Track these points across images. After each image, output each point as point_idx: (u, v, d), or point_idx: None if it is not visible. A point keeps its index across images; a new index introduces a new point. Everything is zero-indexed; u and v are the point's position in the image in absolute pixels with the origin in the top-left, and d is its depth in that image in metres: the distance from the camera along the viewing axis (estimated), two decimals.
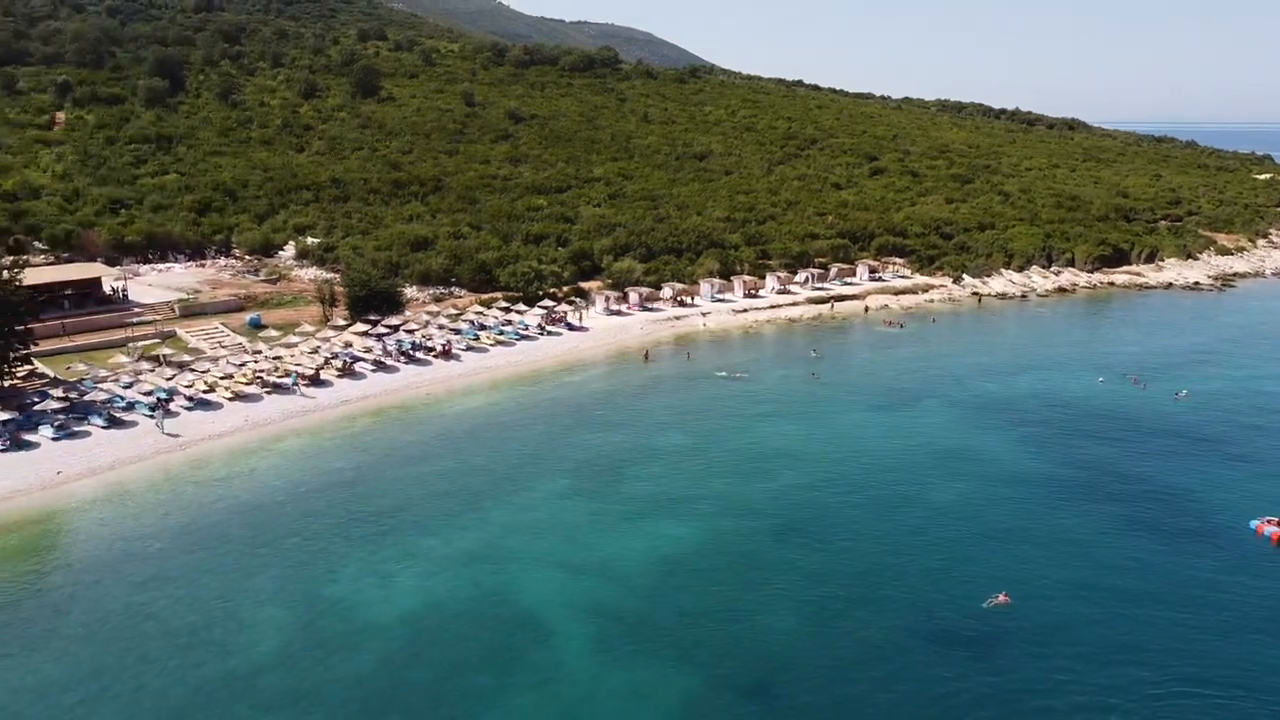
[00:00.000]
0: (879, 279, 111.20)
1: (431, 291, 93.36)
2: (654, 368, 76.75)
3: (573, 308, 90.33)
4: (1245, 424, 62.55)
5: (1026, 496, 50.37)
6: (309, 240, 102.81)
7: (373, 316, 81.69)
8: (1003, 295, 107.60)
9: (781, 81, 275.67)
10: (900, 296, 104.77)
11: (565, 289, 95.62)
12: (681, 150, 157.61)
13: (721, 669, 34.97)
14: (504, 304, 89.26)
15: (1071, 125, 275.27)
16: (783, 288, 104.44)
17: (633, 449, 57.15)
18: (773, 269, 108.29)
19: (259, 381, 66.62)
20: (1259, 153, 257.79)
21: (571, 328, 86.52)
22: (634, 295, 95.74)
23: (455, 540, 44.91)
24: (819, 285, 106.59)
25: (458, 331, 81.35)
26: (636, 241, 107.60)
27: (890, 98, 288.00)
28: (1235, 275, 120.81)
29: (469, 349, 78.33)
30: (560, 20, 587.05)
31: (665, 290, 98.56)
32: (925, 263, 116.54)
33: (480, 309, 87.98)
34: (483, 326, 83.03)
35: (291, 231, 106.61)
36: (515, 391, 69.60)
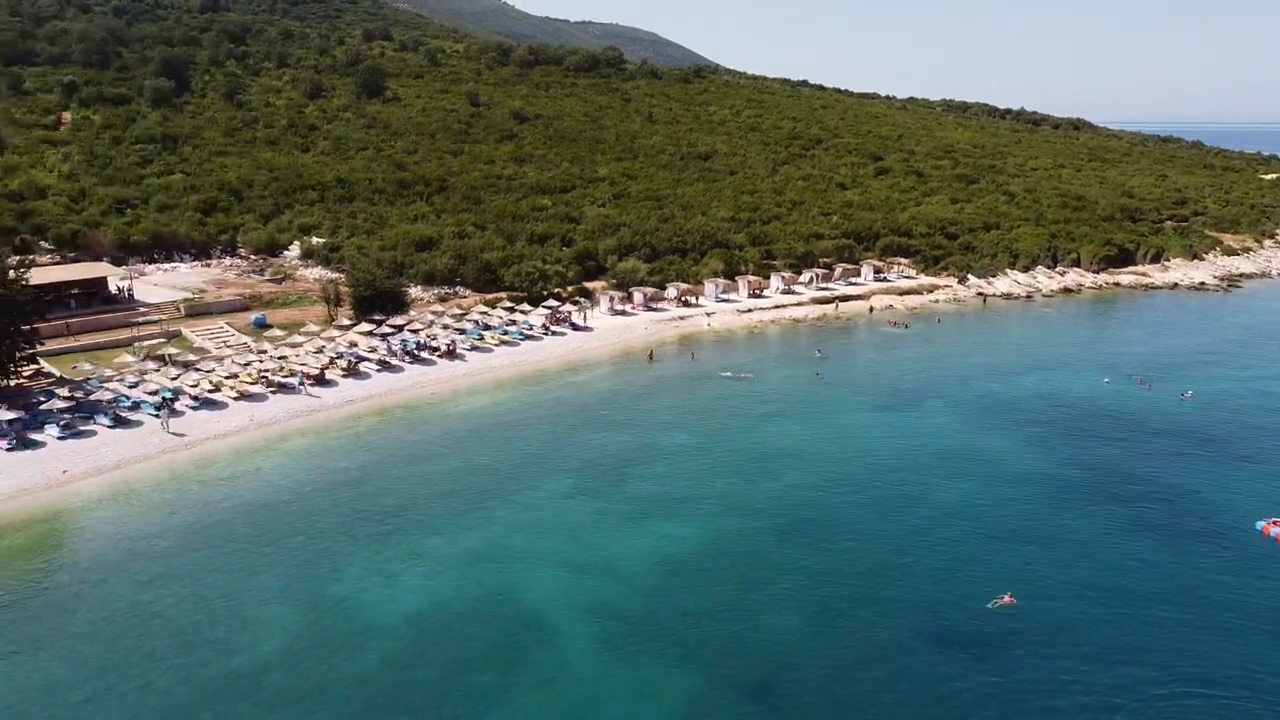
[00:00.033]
0: (884, 279, 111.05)
1: (436, 291, 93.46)
2: (658, 368, 76.76)
3: (577, 308, 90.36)
4: (1251, 425, 62.38)
5: (1031, 497, 50.29)
6: (314, 240, 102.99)
7: (377, 316, 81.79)
8: (1008, 296, 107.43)
9: (786, 81, 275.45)
10: (905, 297, 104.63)
11: (570, 289, 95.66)
12: (686, 150, 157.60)
13: (725, 668, 34.97)
14: (508, 304, 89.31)
15: (1077, 125, 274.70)
16: (787, 288, 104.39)
17: (637, 449, 57.17)
18: (777, 269, 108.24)
19: (264, 381, 66.75)
20: (1264, 153, 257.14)
21: (576, 328, 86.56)
22: (638, 295, 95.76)
23: (460, 539, 44.96)
24: (824, 285, 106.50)
25: (462, 331, 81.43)
26: (641, 241, 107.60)
27: (895, 98, 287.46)
28: (1241, 276, 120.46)
29: (473, 349, 78.41)
30: (565, 20, 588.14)
31: (670, 290, 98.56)
32: (930, 263, 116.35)
33: (485, 309, 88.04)
34: (487, 326, 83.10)
35: (297, 231, 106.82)
36: (520, 391, 69.64)
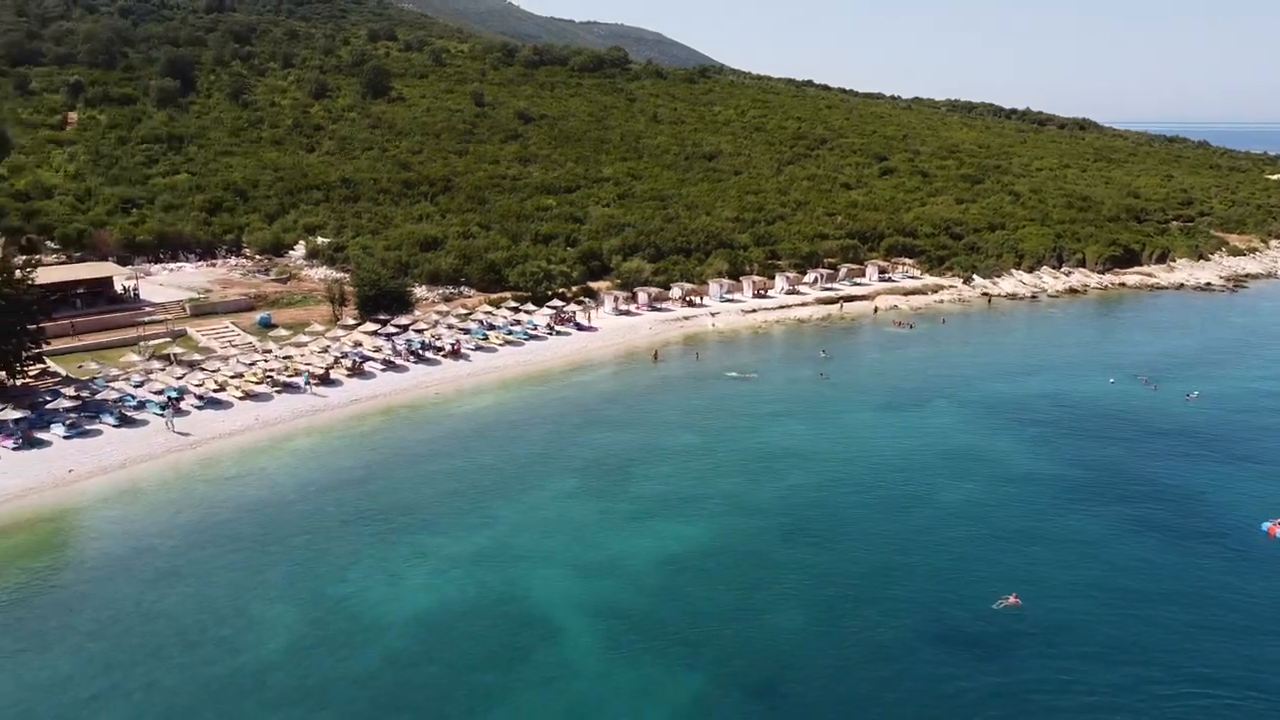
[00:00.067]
0: (888, 279, 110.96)
1: (441, 291, 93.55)
2: (663, 368, 76.76)
3: (581, 308, 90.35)
4: (1257, 426, 62.24)
5: (1036, 497, 50.20)
6: (319, 240, 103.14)
7: (382, 316, 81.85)
8: (1013, 296, 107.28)
9: (791, 81, 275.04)
10: (910, 297, 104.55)
11: (574, 289, 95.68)
12: (691, 150, 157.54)
13: (729, 668, 34.95)
14: (513, 304, 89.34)
15: (1082, 125, 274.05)
16: (792, 288, 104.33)
17: (641, 448, 57.18)
18: (782, 269, 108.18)
19: (269, 381, 66.87)
20: (1270, 153, 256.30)
21: (580, 328, 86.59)
22: (643, 295, 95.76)
23: (464, 539, 45.00)
24: (828, 286, 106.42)
25: (467, 331, 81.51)
26: (645, 241, 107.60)
27: (900, 98, 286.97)
28: (1247, 276, 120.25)
29: (478, 349, 78.48)
30: (570, 20, 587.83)
31: (674, 290, 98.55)
32: (935, 263, 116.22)
33: (489, 309, 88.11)
34: (491, 326, 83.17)
35: (302, 231, 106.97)
36: (524, 391, 69.70)
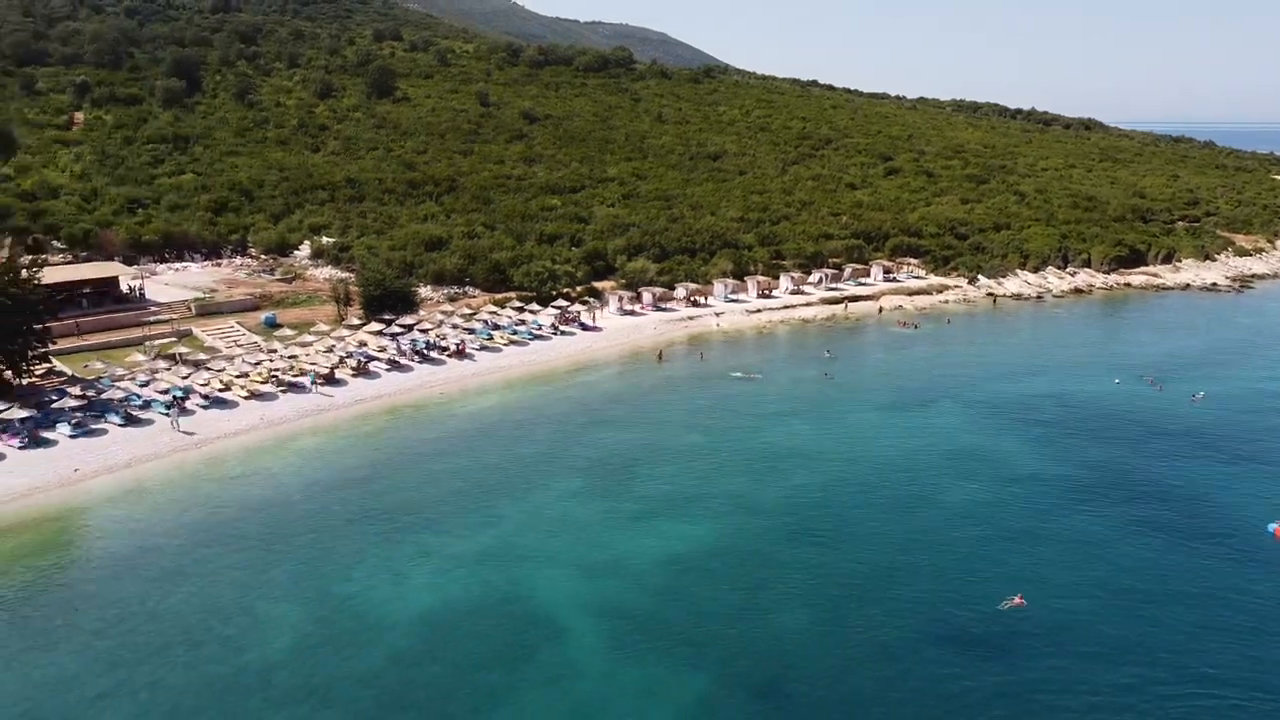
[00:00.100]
0: (893, 279, 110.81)
1: (446, 291, 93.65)
2: (667, 368, 76.75)
3: (586, 307, 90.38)
4: (1263, 427, 62.05)
5: (1041, 498, 50.09)
6: (324, 240, 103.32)
7: (387, 316, 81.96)
8: (1018, 296, 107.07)
9: (796, 81, 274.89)
10: (915, 297, 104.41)
11: (579, 289, 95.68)
12: (695, 150, 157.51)
13: (734, 667, 34.95)
14: (518, 304, 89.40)
15: (1088, 125, 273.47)
16: (796, 288, 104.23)
17: (646, 448, 57.17)
18: (787, 269, 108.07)
19: (274, 380, 66.99)
20: (1277, 153, 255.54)
21: (585, 328, 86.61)
22: (647, 295, 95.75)
23: (468, 538, 45.05)
24: (833, 286, 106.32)
25: (471, 331, 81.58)
26: (650, 241, 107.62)
27: (905, 98, 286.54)
28: (1253, 276, 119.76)
29: (483, 348, 78.53)
30: (575, 20, 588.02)
31: (679, 290, 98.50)
32: (940, 263, 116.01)
33: (494, 309, 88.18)
34: (496, 326, 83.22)
35: (307, 231, 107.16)
36: (529, 391, 69.74)
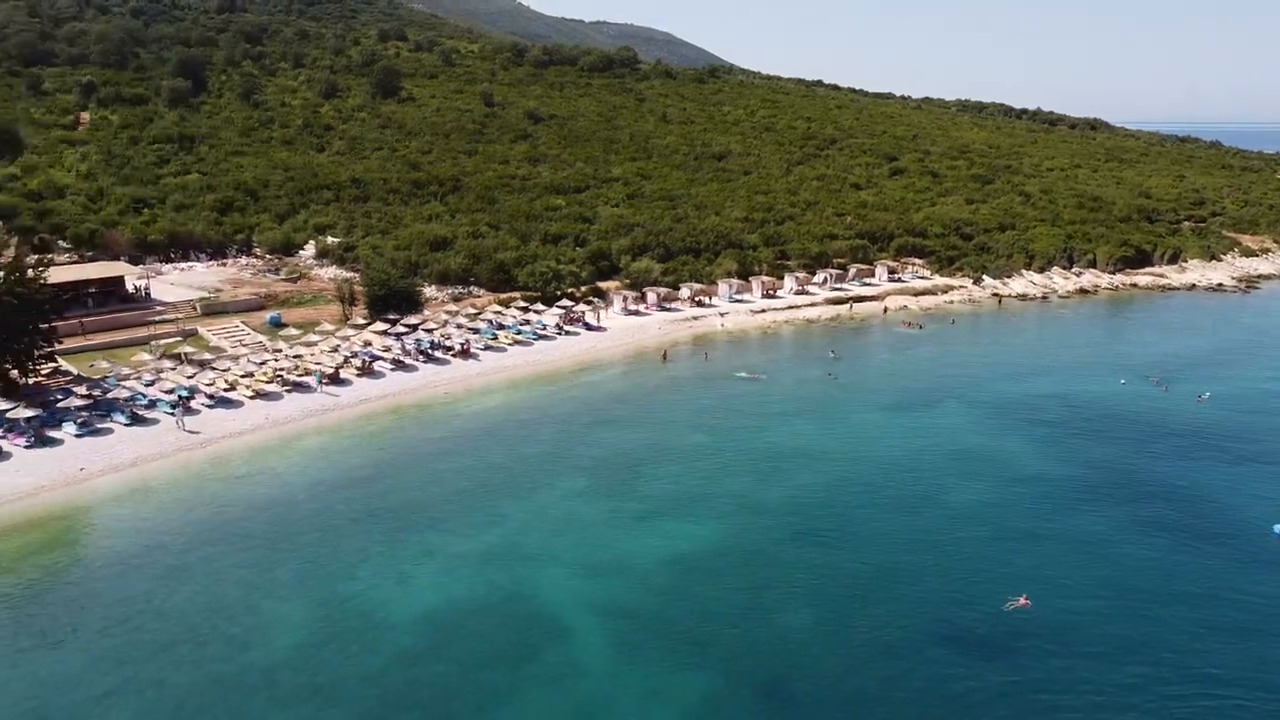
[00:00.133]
0: (898, 280, 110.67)
1: (450, 291, 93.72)
2: (672, 368, 76.75)
3: (590, 308, 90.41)
4: (1268, 427, 61.88)
5: (1046, 498, 50.01)
6: (329, 240, 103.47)
7: (392, 315, 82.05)
8: (1023, 296, 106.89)
9: (801, 81, 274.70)
10: (919, 297, 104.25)
11: (583, 289, 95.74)
12: (700, 150, 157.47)
13: (738, 666, 34.95)
14: (522, 304, 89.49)
15: (1093, 125, 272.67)
16: (801, 288, 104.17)
17: (650, 448, 57.18)
18: (791, 269, 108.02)
19: (279, 380, 67.11)
20: None
21: (589, 328, 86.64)
22: (652, 295, 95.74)
23: (473, 537, 45.09)
24: (837, 286, 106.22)
25: (476, 331, 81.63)
26: (654, 241, 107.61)
27: (910, 98, 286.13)
28: (1260, 277, 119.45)
29: (487, 348, 78.60)
30: (579, 20, 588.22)
31: (683, 290, 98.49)
32: (945, 264, 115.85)
33: (498, 308, 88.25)
34: (501, 326, 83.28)
35: (312, 231, 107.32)
36: (533, 391, 69.78)
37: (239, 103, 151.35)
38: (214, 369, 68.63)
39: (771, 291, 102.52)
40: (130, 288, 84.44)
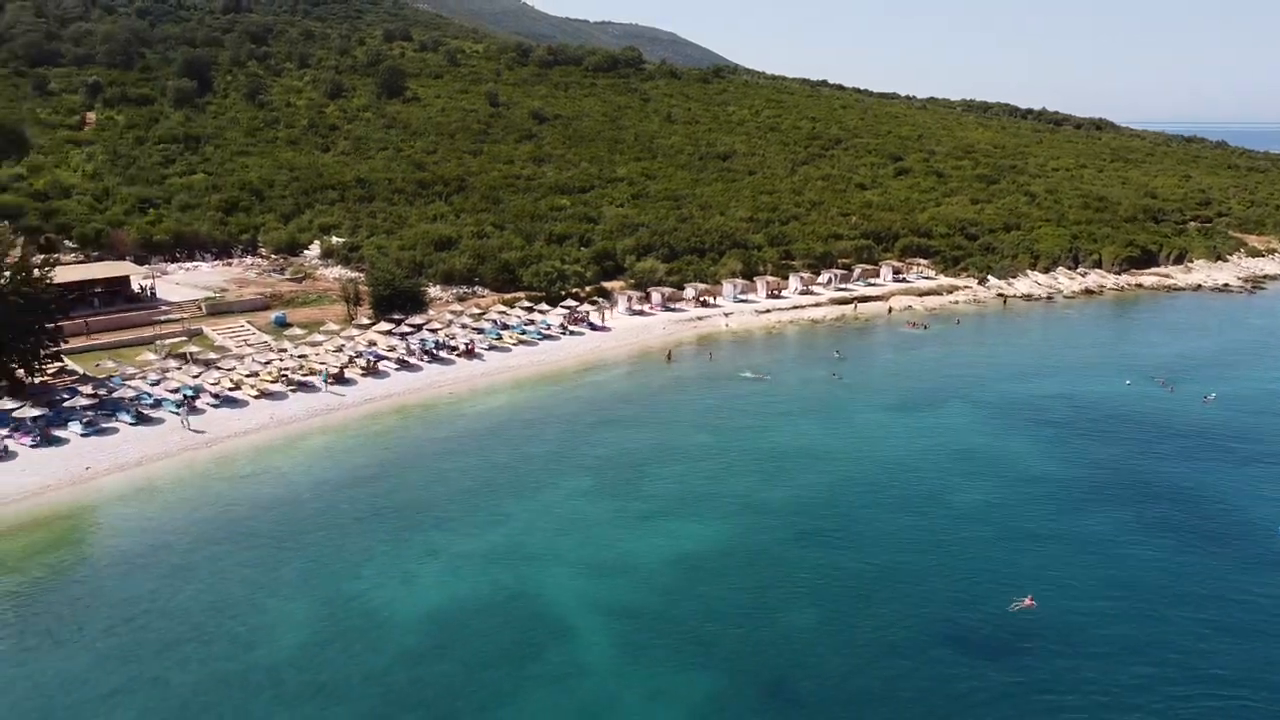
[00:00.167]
0: (903, 280, 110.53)
1: (455, 291, 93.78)
2: (676, 368, 76.73)
3: (595, 307, 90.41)
4: (1275, 428, 61.70)
5: (1051, 498, 49.93)
6: (334, 239, 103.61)
7: (396, 315, 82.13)
8: (1028, 297, 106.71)
9: (806, 81, 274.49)
10: (924, 298, 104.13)
11: (588, 289, 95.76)
12: (705, 150, 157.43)
13: (742, 666, 34.94)
14: (527, 304, 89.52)
15: (1099, 125, 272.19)
16: (806, 288, 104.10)
17: (655, 448, 57.17)
18: (796, 269, 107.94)
19: (284, 379, 67.21)
20: None
21: (594, 327, 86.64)
22: (656, 295, 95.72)
23: (477, 537, 45.12)
24: (842, 286, 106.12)
25: (481, 331, 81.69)
26: (659, 241, 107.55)
27: (915, 98, 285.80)
28: (1266, 277, 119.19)
29: (492, 348, 78.65)
30: (584, 20, 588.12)
31: (688, 290, 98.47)
32: (950, 264, 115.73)
33: (503, 308, 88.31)
34: (505, 326, 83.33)
35: (317, 231, 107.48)
36: (538, 391, 69.81)
37: (244, 103, 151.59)
38: (219, 368, 68.80)
39: (776, 292, 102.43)
40: (136, 287, 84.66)
